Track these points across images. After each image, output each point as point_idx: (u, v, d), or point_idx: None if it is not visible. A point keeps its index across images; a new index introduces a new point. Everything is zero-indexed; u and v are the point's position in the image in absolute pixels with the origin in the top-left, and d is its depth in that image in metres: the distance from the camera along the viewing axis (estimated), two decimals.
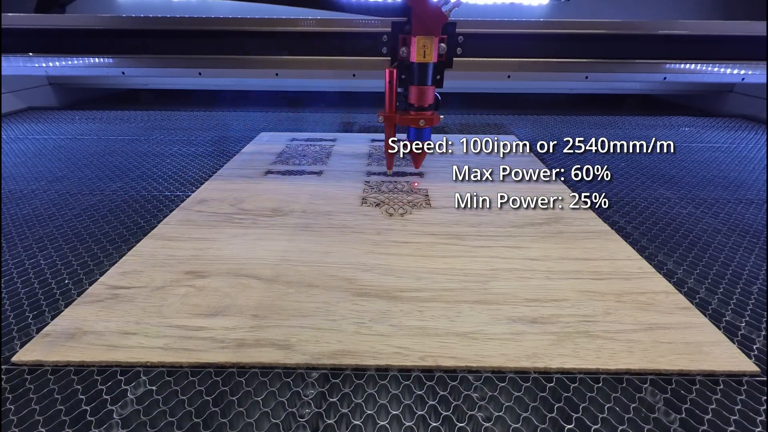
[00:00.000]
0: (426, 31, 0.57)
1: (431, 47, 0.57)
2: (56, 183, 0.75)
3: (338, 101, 1.61)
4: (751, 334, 0.39)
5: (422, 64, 0.59)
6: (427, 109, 0.62)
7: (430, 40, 0.57)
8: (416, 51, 0.58)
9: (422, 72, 0.60)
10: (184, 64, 0.72)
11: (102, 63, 0.71)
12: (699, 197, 0.71)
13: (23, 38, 0.70)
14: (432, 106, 0.63)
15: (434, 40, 0.57)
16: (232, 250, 0.51)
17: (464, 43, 0.65)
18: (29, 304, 0.43)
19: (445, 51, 0.61)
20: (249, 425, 0.30)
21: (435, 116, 0.63)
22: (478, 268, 0.48)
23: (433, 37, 0.57)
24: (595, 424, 0.30)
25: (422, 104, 0.62)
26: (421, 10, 0.55)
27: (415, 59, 0.58)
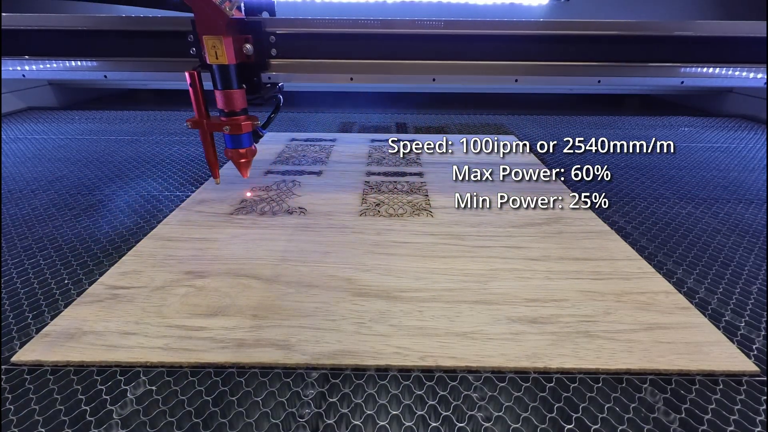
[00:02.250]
0: (210, 30, 0.52)
1: (221, 47, 0.52)
2: (56, 183, 0.75)
3: (338, 101, 1.61)
4: (751, 333, 0.39)
5: (221, 66, 0.54)
6: (239, 113, 0.57)
7: (219, 40, 0.52)
8: (207, 51, 0.53)
9: (223, 74, 0.55)
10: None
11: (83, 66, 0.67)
12: (699, 197, 0.71)
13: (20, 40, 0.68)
14: (243, 110, 0.58)
15: (224, 39, 0.52)
16: (232, 250, 0.51)
17: (277, 43, 0.59)
18: (29, 304, 0.43)
19: (251, 52, 0.57)
20: (249, 425, 0.30)
21: (246, 122, 0.57)
22: (477, 268, 0.48)
23: (221, 37, 0.52)
24: (595, 424, 0.30)
25: (232, 109, 0.56)
26: (196, 7, 0.51)
27: (208, 60, 0.53)
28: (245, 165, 0.62)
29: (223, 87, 0.56)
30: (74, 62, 0.65)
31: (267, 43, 0.59)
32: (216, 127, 0.58)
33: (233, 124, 0.57)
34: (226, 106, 0.56)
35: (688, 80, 0.67)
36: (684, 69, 0.66)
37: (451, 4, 1.38)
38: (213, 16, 0.51)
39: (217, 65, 0.54)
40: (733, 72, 0.67)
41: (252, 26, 0.57)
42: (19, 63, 0.66)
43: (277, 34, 0.59)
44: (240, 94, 0.57)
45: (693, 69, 0.66)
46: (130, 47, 0.63)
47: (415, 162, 0.84)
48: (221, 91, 0.56)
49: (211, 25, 0.52)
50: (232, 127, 0.57)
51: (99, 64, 0.64)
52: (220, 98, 0.56)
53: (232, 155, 0.60)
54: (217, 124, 0.57)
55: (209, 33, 0.52)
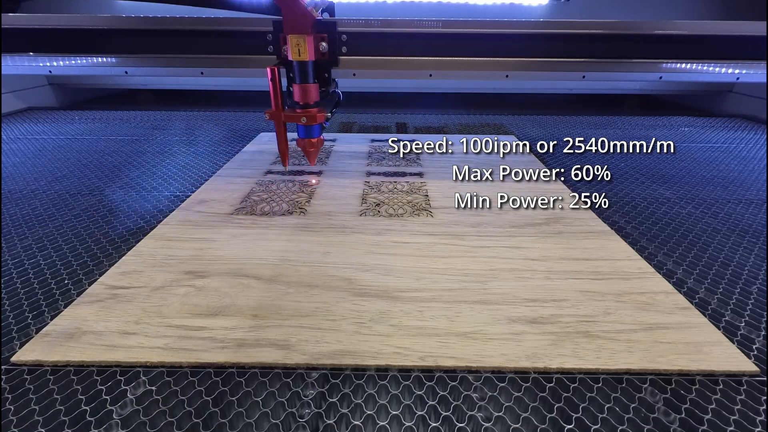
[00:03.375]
0: (296, 30, 0.57)
1: (305, 45, 0.57)
2: (56, 183, 0.75)
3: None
4: (751, 333, 0.39)
5: (301, 63, 0.59)
6: (312, 106, 0.62)
7: (302, 39, 0.57)
8: (291, 49, 0.58)
9: (302, 70, 0.60)
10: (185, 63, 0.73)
11: (104, 63, 0.72)
12: (699, 197, 0.71)
13: (24, 37, 0.70)
14: (317, 103, 0.63)
15: (307, 38, 0.57)
16: (232, 250, 0.51)
17: (348, 41, 0.65)
18: (29, 304, 0.43)
19: (326, 50, 0.62)
20: (249, 425, 0.30)
21: (319, 114, 0.62)
22: (477, 268, 0.48)
23: (304, 36, 0.57)
24: (595, 424, 0.30)
25: (307, 101, 0.62)
26: (287, 9, 0.56)
27: (290, 57, 0.58)
28: (314, 153, 0.67)
29: (301, 81, 0.60)
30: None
31: (339, 41, 0.65)
32: (293, 118, 0.62)
33: (309, 116, 0.61)
34: (303, 98, 0.61)
35: (667, 76, 0.72)
36: (665, 65, 0.71)
37: (451, 4, 1.38)
38: (302, 17, 0.56)
39: (298, 62, 0.59)
40: (707, 68, 0.71)
41: (327, 26, 0.63)
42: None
43: (348, 33, 0.65)
44: (315, 88, 0.62)
45: (672, 65, 0.71)
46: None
47: (416, 162, 0.84)
48: (299, 85, 0.61)
49: (298, 26, 0.57)
50: (309, 118, 0.62)
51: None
52: (298, 91, 0.61)
53: (305, 144, 0.65)
54: (294, 116, 0.62)
55: (295, 32, 0.57)
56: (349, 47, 0.66)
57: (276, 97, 0.60)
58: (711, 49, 0.70)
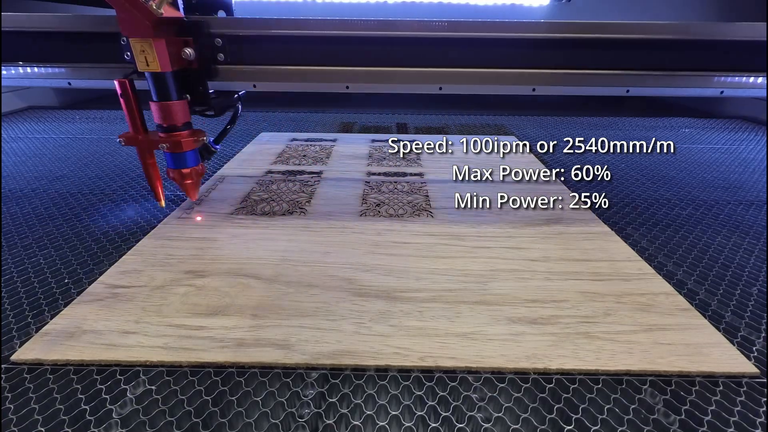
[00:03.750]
0: (136, 32, 0.44)
1: (152, 52, 0.45)
2: (56, 182, 0.75)
3: (339, 101, 1.61)
4: (751, 335, 0.39)
5: (156, 74, 0.46)
6: (181, 128, 0.49)
7: (148, 43, 0.44)
8: (136, 57, 0.45)
9: (158, 83, 0.47)
10: None
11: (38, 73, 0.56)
12: (699, 198, 0.71)
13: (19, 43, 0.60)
14: (186, 125, 0.50)
15: (154, 42, 0.44)
16: (232, 250, 0.51)
17: (224, 46, 0.50)
18: (29, 303, 0.43)
19: (192, 57, 0.48)
20: (248, 425, 0.30)
21: (188, 138, 0.50)
22: (478, 269, 0.48)
23: (150, 39, 0.44)
24: (595, 425, 0.30)
25: (172, 123, 0.49)
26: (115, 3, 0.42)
27: (138, 67, 0.46)
28: (191, 186, 0.54)
29: (159, 98, 0.48)
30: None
31: (212, 46, 0.50)
32: (153, 144, 0.50)
33: (173, 141, 0.49)
34: (164, 120, 0.49)
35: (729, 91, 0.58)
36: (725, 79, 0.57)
37: (452, 5, 1.38)
38: (137, 14, 0.42)
39: (149, 72, 0.46)
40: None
41: (192, 27, 0.48)
42: None
43: (225, 36, 0.50)
44: (180, 106, 0.49)
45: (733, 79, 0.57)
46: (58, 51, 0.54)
47: (416, 162, 0.84)
48: (156, 103, 0.48)
49: (136, 26, 0.43)
50: (171, 144, 0.49)
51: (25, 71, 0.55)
52: (156, 111, 0.49)
53: (174, 176, 0.53)
54: (155, 141, 0.50)
55: (135, 35, 0.44)
56: (228, 54, 0.51)
57: (133, 117, 0.49)
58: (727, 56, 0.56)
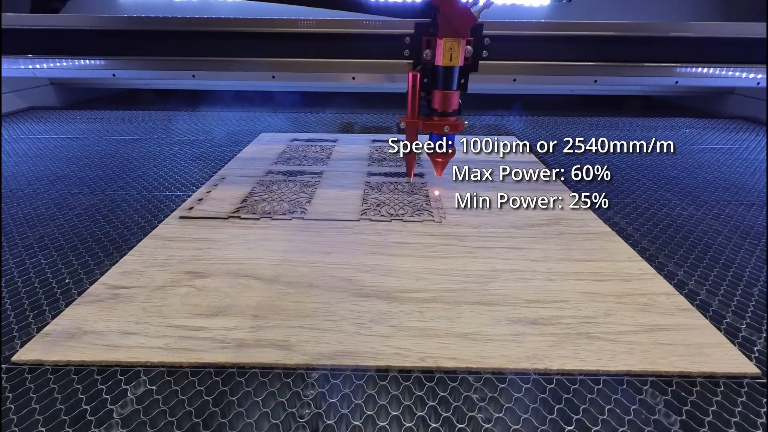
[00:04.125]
0: (453, 33, 0.54)
1: (458, 50, 0.54)
2: (57, 183, 0.75)
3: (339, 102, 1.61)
4: (752, 335, 0.39)
5: (448, 68, 0.56)
6: (451, 114, 0.59)
7: (458, 43, 0.54)
8: (442, 54, 0.55)
9: (447, 76, 0.57)
10: (180, 66, 0.69)
11: (93, 65, 0.69)
12: (700, 199, 0.71)
13: (21, 39, 0.69)
14: (456, 111, 0.60)
15: (461, 42, 0.55)
16: (233, 251, 0.51)
17: (490, 45, 0.63)
18: (30, 303, 0.43)
19: (471, 54, 0.59)
20: (249, 425, 0.30)
21: (460, 122, 0.60)
22: (478, 269, 0.48)
23: (460, 40, 0.54)
24: (596, 426, 0.30)
25: (446, 109, 0.59)
26: (450, 11, 0.52)
27: (440, 62, 0.56)
28: (443, 165, 0.64)
29: (444, 87, 0.57)
30: None
31: (481, 45, 0.62)
32: (434, 127, 0.59)
33: (451, 124, 0.59)
34: (443, 106, 0.58)
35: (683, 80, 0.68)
36: (679, 69, 0.67)
37: None
38: (463, 20, 0.53)
39: (443, 67, 0.56)
40: (729, 72, 0.67)
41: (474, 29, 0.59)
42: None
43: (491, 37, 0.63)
44: (457, 95, 0.59)
45: (688, 69, 0.67)
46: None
47: (416, 162, 0.84)
48: (442, 92, 0.58)
49: (456, 29, 0.53)
50: (451, 126, 0.59)
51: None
52: (440, 99, 0.58)
53: (438, 155, 0.62)
54: (434, 125, 0.59)
55: (452, 35, 0.54)
56: (490, 51, 0.63)
57: (414, 104, 0.58)
58: (729, 52, 0.66)
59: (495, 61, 0.65)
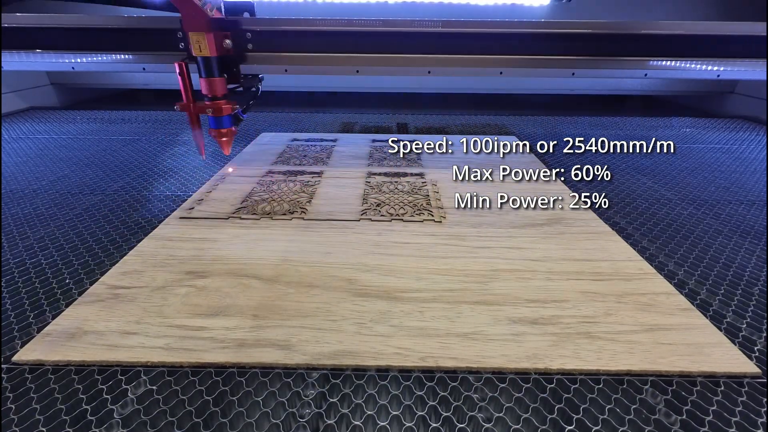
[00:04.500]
0: (194, 27, 0.61)
1: (204, 42, 0.61)
2: (57, 183, 0.75)
3: (340, 102, 1.61)
4: (752, 335, 0.39)
5: (205, 58, 0.63)
6: (221, 98, 0.66)
7: (201, 36, 0.61)
8: (192, 45, 0.62)
9: (207, 65, 0.64)
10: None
11: (123, 59, 0.75)
12: (700, 198, 0.71)
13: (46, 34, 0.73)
14: (227, 95, 0.67)
15: (206, 35, 0.61)
16: (233, 251, 0.51)
17: (253, 39, 0.68)
18: (30, 303, 0.43)
19: (230, 46, 0.65)
20: (249, 425, 0.30)
21: (226, 105, 0.66)
22: (478, 269, 0.48)
23: (203, 33, 0.61)
24: (596, 426, 0.30)
25: (214, 94, 0.66)
26: (181, 7, 0.60)
27: (193, 53, 0.62)
28: (226, 143, 0.71)
29: (206, 75, 0.64)
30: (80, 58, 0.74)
31: (244, 38, 0.67)
32: (201, 109, 0.66)
33: (215, 107, 0.66)
34: (209, 91, 0.65)
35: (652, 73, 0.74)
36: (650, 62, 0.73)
37: (452, 5, 1.38)
38: (197, 16, 0.60)
39: (201, 57, 0.63)
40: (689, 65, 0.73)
41: (230, 24, 0.66)
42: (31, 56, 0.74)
43: (253, 31, 0.67)
44: (220, 82, 0.66)
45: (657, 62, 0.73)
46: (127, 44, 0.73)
47: (416, 162, 0.84)
48: (205, 79, 0.65)
49: (195, 24, 0.61)
50: (215, 109, 0.66)
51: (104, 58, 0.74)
52: (204, 85, 0.65)
53: (215, 134, 0.69)
54: (202, 108, 0.66)
55: (194, 30, 0.61)
56: (255, 44, 0.68)
57: (186, 91, 0.64)
58: (692, 47, 0.72)
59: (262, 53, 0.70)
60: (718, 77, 0.75)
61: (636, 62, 0.73)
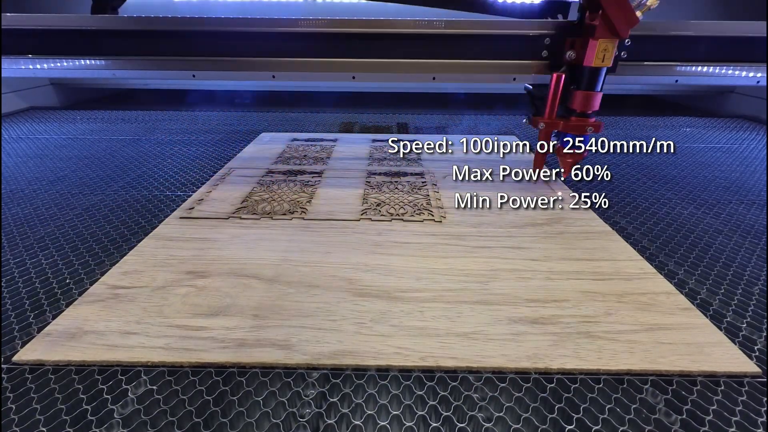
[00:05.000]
0: (612, 34, 0.54)
1: (612, 51, 0.54)
2: (58, 183, 0.75)
3: (340, 101, 1.61)
4: (752, 335, 0.39)
5: (594, 69, 0.56)
6: (590, 115, 0.59)
7: (613, 44, 0.54)
8: (595, 54, 0.55)
9: (593, 76, 0.57)
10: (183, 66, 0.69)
11: (95, 65, 0.69)
12: (700, 198, 0.71)
13: (23, 39, 0.69)
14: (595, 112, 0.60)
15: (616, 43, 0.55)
16: (233, 250, 0.51)
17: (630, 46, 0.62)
18: (30, 303, 0.43)
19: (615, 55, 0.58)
20: (249, 425, 0.30)
21: (599, 122, 0.60)
22: (478, 269, 0.48)
23: (615, 40, 0.54)
24: (596, 425, 0.30)
25: (585, 110, 0.59)
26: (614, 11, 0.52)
27: (592, 63, 0.55)
28: (571, 165, 0.63)
29: (587, 88, 0.58)
30: None
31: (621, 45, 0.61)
32: (575, 128, 0.59)
33: (595, 125, 0.59)
34: (584, 107, 0.59)
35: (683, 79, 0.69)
36: (680, 68, 0.68)
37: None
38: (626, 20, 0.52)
39: (592, 68, 0.56)
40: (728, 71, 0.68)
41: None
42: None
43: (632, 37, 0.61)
44: (599, 97, 0.59)
45: (689, 68, 0.68)
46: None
47: (416, 162, 0.84)
48: (584, 92, 0.58)
49: (616, 29, 0.53)
50: (595, 127, 0.59)
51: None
52: (581, 99, 0.58)
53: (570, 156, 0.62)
54: (576, 126, 0.59)
55: (610, 36, 0.54)
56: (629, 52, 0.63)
57: (554, 106, 0.59)
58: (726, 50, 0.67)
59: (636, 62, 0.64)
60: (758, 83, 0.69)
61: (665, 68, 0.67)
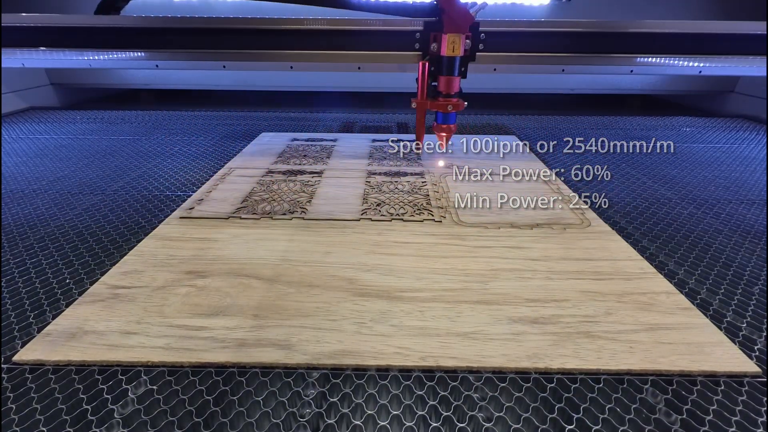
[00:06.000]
0: (456, 30, 0.67)
1: (459, 43, 0.68)
2: (57, 183, 0.75)
3: (340, 101, 1.61)
4: (753, 334, 0.39)
5: (451, 58, 0.70)
6: (453, 96, 0.73)
7: (459, 37, 0.67)
8: (446, 46, 0.68)
9: (450, 64, 0.70)
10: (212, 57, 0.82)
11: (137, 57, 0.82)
12: (700, 197, 0.71)
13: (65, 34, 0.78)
14: (457, 94, 0.73)
15: (461, 37, 0.68)
16: (233, 250, 0.51)
17: (485, 39, 0.76)
18: (30, 303, 0.43)
19: (469, 47, 0.72)
20: (249, 425, 0.30)
21: (460, 102, 0.73)
22: (478, 269, 0.48)
23: (460, 35, 0.67)
24: (596, 425, 0.30)
25: (449, 92, 0.72)
26: (452, 12, 0.65)
27: (444, 53, 0.69)
28: (448, 138, 0.78)
29: (447, 74, 0.71)
30: None
31: (478, 39, 0.75)
32: (439, 106, 0.73)
33: (454, 104, 0.73)
34: (447, 89, 0.72)
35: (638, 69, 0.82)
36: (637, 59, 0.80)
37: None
38: (463, 19, 0.66)
39: (448, 57, 0.70)
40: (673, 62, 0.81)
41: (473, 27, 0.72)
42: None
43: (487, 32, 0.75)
44: (458, 80, 0.73)
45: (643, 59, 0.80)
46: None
47: (416, 162, 0.84)
48: (446, 77, 0.71)
49: (458, 26, 0.67)
50: (454, 105, 0.73)
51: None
52: (445, 83, 0.72)
53: (443, 129, 0.76)
54: (440, 104, 0.73)
55: (454, 32, 0.67)
56: (486, 45, 0.75)
57: (423, 89, 0.72)
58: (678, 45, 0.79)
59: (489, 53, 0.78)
60: (699, 73, 0.82)
61: (624, 59, 0.80)
